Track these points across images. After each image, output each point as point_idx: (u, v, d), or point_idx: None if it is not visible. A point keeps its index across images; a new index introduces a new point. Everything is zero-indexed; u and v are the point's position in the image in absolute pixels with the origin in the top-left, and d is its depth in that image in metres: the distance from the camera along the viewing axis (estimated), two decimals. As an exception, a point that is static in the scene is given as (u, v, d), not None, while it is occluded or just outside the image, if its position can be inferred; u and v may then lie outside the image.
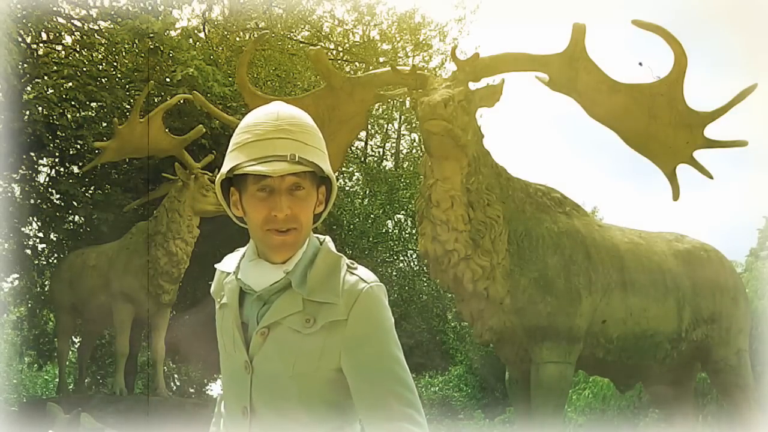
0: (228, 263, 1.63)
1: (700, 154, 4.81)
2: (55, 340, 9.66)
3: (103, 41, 9.15)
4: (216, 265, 1.66)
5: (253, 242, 1.55)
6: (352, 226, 11.70)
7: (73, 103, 8.92)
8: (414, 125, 13.07)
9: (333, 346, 1.45)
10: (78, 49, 9.42)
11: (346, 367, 1.45)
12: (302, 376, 1.46)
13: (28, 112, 8.33)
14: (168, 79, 8.68)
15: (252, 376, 1.50)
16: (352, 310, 1.44)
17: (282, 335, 1.48)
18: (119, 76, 9.24)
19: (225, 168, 1.47)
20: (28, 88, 8.69)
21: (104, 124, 8.85)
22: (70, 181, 9.16)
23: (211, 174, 7.80)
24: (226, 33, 11.47)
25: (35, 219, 9.52)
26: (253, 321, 1.52)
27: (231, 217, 1.55)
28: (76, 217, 9.96)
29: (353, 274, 1.49)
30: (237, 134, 1.48)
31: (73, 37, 9.49)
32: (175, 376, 14.79)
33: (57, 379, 9.82)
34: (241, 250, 1.61)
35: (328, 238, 1.57)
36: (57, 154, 9.31)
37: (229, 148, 1.48)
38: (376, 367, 1.43)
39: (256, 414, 1.50)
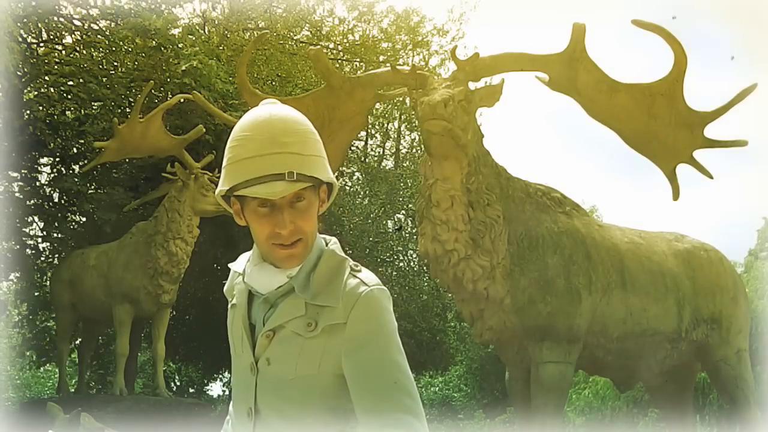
0: (240, 263, 1.62)
1: (699, 154, 4.81)
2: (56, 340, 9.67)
3: (105, 40, 9.13)
4: (230, 265, 1.66)
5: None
6: (352, 226, 11.70)
7: (74, 101, 8.91)
8: (414, 124, 13.05)
9: (333, 350, 1.43)
10: (79, 48, 9.40)
11: (345, 370, 1.43)
12: (304, 380, 1.45)
13: (29, 111, 8.32)
14: (168, 79, 8.66)
15: (257, 378, 1.50)
16: (351, 313, 1.43)
17: (286, 338, 1.47)
18: (120, 74, 9.24)
19: (222, 185, 1.44)
20: (29, 87, 8.68)
21: (106, 123, 8.85)
22: (72, 180, 9.16)
23: (211, 174, 7.80)
24: (226, 33, 11.47)
25: (36, 218, 9.52)
26: (260, 323, 1.52)
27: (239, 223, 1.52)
28: (78, 217, 9.96)
29: (355, 277, 1.47)
30: (231, 145, 1.43)
31: (73, 36, 9.48)
32: (175, 376, 14.80)
33: (57, 379, 9.82)
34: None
35: (334, 240, 1.56)
36: (58, 153, 9.30)
37: (225, 161, 1.44)
38: (374, 372, 1.40)
39: (261, 416, 1.50)
